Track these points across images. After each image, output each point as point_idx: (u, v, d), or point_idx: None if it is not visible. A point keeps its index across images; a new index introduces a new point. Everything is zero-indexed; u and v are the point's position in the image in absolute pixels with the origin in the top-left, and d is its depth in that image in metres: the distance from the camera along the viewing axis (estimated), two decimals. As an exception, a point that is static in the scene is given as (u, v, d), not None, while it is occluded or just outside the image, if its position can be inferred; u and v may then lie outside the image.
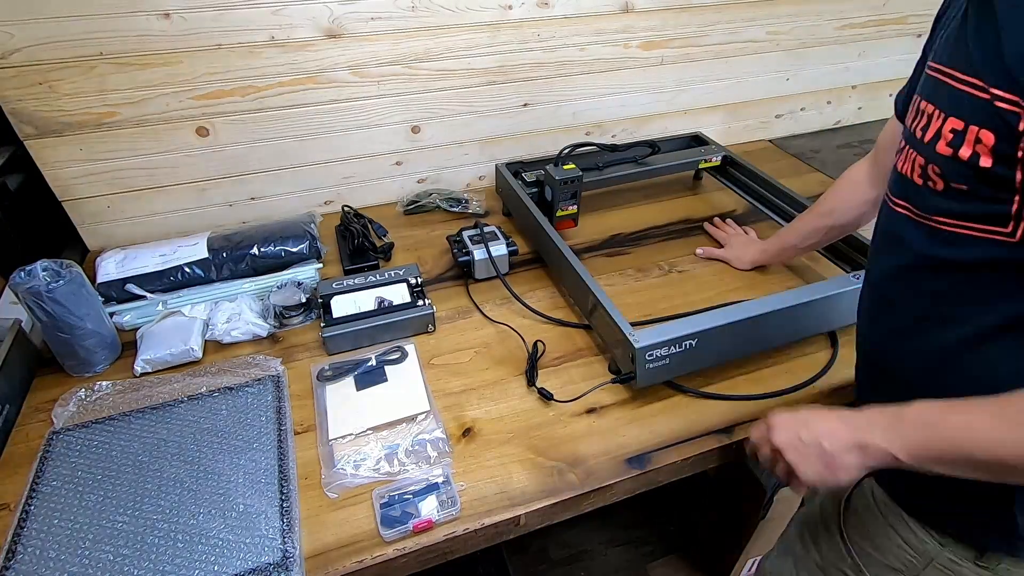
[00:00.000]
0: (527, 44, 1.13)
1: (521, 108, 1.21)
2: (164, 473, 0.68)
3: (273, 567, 0.59)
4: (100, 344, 0.81)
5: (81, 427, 0.73)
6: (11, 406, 0.76)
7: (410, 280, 0.92)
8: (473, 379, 0.82)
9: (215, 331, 0.86)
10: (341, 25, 0.99)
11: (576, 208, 1.05)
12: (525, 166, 1.17)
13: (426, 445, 0.72)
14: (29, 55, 0.86)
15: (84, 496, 0.66)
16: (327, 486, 0.67)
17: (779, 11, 1.28)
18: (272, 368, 0.81)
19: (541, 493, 0.68)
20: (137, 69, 0.92)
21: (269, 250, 0.95)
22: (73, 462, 0.69)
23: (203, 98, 0.98)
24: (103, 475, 0.68)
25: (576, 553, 1.42)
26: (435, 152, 1.21)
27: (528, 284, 0.99)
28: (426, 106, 1.14)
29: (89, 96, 0.92)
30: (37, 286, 0.73)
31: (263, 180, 1.11)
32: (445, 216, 1.18)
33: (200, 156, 1.04)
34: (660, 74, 1.28)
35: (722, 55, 1.30)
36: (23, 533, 0.62)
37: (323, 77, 1.03)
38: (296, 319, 0.90)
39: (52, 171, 0.97)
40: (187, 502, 0.65)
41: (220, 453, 0.70)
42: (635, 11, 1.17)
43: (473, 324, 0.91)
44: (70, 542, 0.61)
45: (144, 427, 0.73)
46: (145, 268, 0.90)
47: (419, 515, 0.64)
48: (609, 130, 1.33)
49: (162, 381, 0.80)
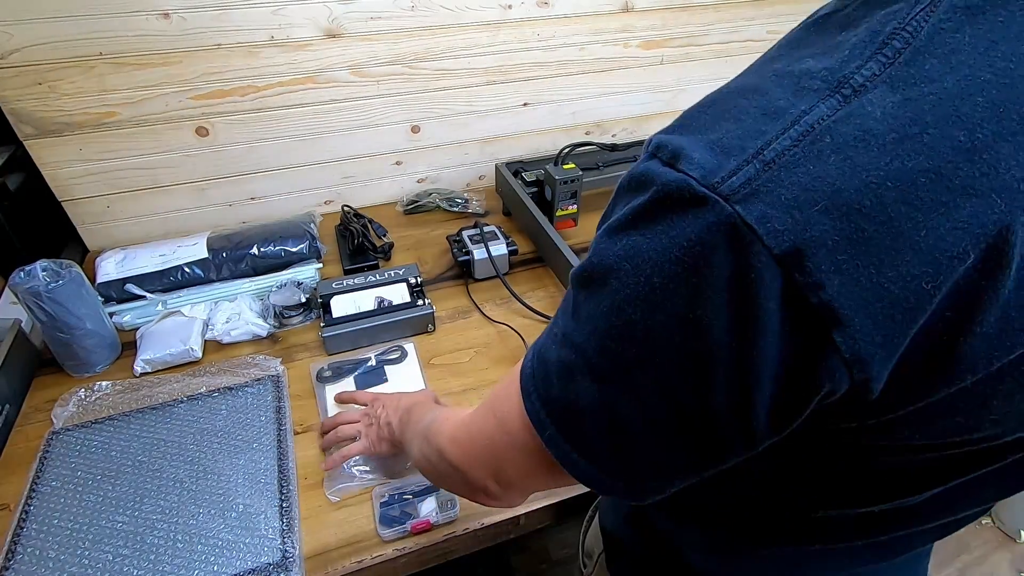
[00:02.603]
0: (527, 44, 1.13)
1: (521, 108, 1.21)
2: (164, 473, 0.68)
3: (273, 567, 0.59)
4: (100, 344, 0.81)
5: (81, 427, 0.73)
6: (11, 406, 0.76)
7: (410, 280, 0.92)
8: (473, 379, 0.82)
9: (215, 331, 0.86)
10: (340, 25, 0.99)
11: (576, 208, 1.04)
12: (525, 166, 1.17)
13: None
14: (28, 55, 0.86)
15: (84, 496, 0.66)
16: (328, 487, 0.67)
17: (779, 11, 1.28)
18: (272, 368, 0.81)
19: (541, 493, 0.67)
20: (136, 69, 0.92)
21: (269, 250, 0.95)
22: (73, 462, 0.69)
23: (203, 98, 0.98)
24: (103, 475, 0.68)
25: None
26: (435, 152, 1.21)
27: (528, 284, 0.99)
28: (426, 106, 1.14)
29: (88, 96, 0.92)
30: (37, 286, 0.73)
31: (263, 180, 1.11)
32: (445, 216, 1.18)
33: (200, 156, 1.04)
34: (660, 74, 1.28)
35: (722, 54, 1.30)
36: (23, 533, 0.62)
37: (323, 77, 1.03)
38: (296, 319, 0.90)
39: (52, 171, 0.97)
40: (187, 502, 0.65)
41: (220, 453, 0.70)
42: (635, 10, 1.17)
43: (473, 324, 0.91)
44: (70, 542, 0.61)
45: (144, 427, 0.73)
46: (145, 268, 0.90)
47: (418, 515, 0.64)
48: (609, 130, 1.33)
49: (162, 381, 0.80)
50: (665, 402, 0.28)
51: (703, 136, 0.26)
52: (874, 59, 0.24)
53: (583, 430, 0.32)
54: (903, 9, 0.24)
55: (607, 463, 0.32)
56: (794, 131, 0.24)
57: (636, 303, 0.27)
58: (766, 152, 0.24)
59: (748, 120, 0.25)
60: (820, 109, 0.24)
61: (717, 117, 0.27)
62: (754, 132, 0.25)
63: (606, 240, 0.29)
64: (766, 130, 0.24)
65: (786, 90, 0.25)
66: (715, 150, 0.25)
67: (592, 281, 0.30)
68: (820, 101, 0.24)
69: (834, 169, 0.23)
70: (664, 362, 0.27)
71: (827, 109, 0.24)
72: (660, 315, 0.26)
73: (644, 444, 0.30)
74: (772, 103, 0.25)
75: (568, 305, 0.33)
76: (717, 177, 0.24)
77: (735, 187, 0.24)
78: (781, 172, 0.23)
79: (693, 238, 0.24)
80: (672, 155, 0.26)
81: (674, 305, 0.26)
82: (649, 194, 0.26)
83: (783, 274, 0.23)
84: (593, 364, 0.30)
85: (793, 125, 0.24)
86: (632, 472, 0.32)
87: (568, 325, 0.32)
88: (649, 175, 0.27)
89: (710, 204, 0.24)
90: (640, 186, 0.27)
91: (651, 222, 0.26)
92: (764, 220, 0.23)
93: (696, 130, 0.27)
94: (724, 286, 0.24)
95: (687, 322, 0.26)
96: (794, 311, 0.24)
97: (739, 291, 0.24)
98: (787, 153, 0.23)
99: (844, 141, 0.23)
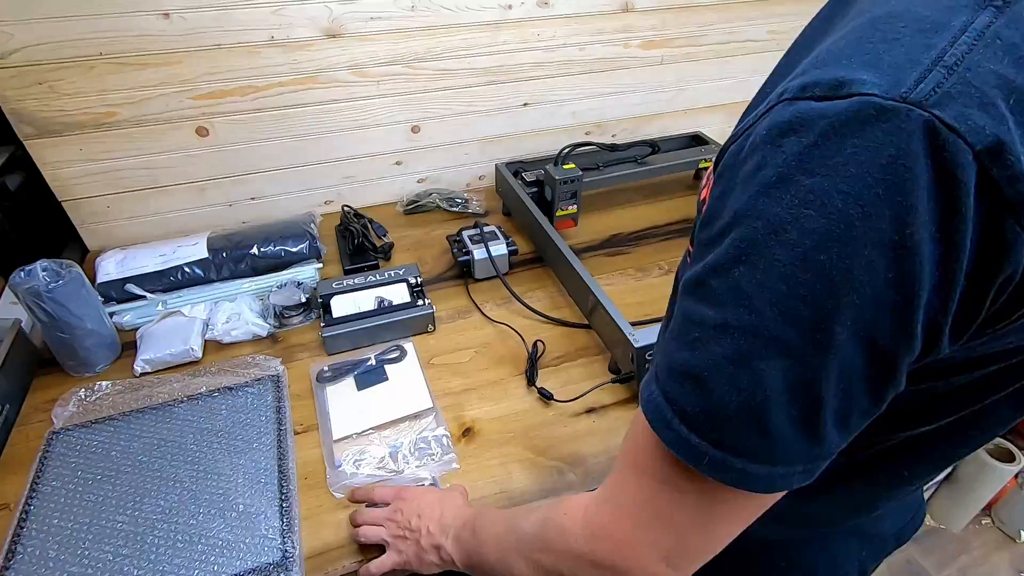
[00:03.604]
0: (527, 44, 1.13)
1: (521, 108, 1.21)
2: (164, 473, 0.68)
3: (273, 567, 0.59)
4: (100, 344, 0.81)
5: (81, 427, 0.73)
6: (11, 406, 0.76)
7: (410, 280, 0.92)
8: (473, 379, 0.82)
9: (215, 331, 0.86)
10: (341, 25, 0.99)
11: (576, 208, 1.04)
12: (525, 166, 1.17)
13: (430, 442, 0.72)
14: (29, 55, 0.86)
15: (84, 496, 0.66)
16: (331, 486, 0.67)
17: (779, 10, 1.28)
18: (272, 368, 0.81)
19: (541, 493, 0.67)
20: (137, 69, 0.92)
21: (269, 250, 0.95)
22: (73, 462, 0.69)
23: (203, 98, 0.98)
24: (103, 475, 0.68)
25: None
26: (435, 152, 1.21)
27: (528, 284, 0.99)
28: (426, 106, 1.14)
29: (89, 96, 0.92)
30: (37, 286, 0.73)
31: (263, 180, 1.11)
32: (445, 216, 1.18)
33: (200, 156, 1.04)
34: (660, 74, 1.28)
35: (722, 54, 1.30)
36: (23, 533, 0.62)
37: (323, 77, 1.03)
38: (296, 319, 0.90)
39: (52, 171, 0.97)
40: (187, 502, 0.65)
41: (220, 453, 0.70)
42: (635, 10, 1.17)
43: (473, 324, 0.91)
44: (70, 542, 0.61)
45: (144, 427, 0.73)
46: (145, 268, 0.90)
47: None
48: (609, 130, 1.33)
49: (162, 381, 0.80)
50: (862, 347, 0.27)
51: (860, 63, 0.26)
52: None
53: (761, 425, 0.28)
54: None
55: (787, 451, 0.29)
56: (966, 38, 0.24)
57: (830, 246, 0.25)
58: (946, 58, 0.24)
59: (906, 38, 0.25)
60: (983, 17, 0.25)
61: (862, 47, 0.26)
62: (921, 46, 0.25)
63: (762, 199, 0.27)
64: (934, 43, 0.25)
65: (933, 9, 0.26)
66: (883, 70, 0.25)
67: (752, 249, 0.27)
68: (977, 12, 0.25)
69: (1011, 67, 0.24)
70: (867, 300, 0.25)
71: (989, 17, 0.25)
72: (863, 248, 0.25)
73: (832, 407, 0.28)
74: (926, 20, 0.26)
75: (695, 309, 0.30)
76: (903, 88, 0.24)
77: (925, 93, 0.24)
78: (967, 74, 0.24)
79: (893, 153, 0.24)
80: (832, 87, 0.25)
81: (879, 232, 0.25)
82: (816, 131, 0.25)
83: (980, 170, 0.23)
84: (777, 337, 0.27)
85: (963, 33, 0.25)
86: (815, 447, 0.29)
87: (716, 316, 0.29)
88: (808, 114, 0.26)
89: (904, 113, 0.24)
90: (794, 129, 0.26)
91: (828, 158, 0.25)
92: (964, 119, 0.23)
93: (843, 60, 0.26)
94: (929, 195, 0.24)
95: (894, 245, 0.25)
96: (989, 205, 0.24)
97: (943, 196, 0.24)
98: (967, 57, 0.24)
99: (1013, 42, 0.24)
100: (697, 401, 0.30)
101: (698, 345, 0.30)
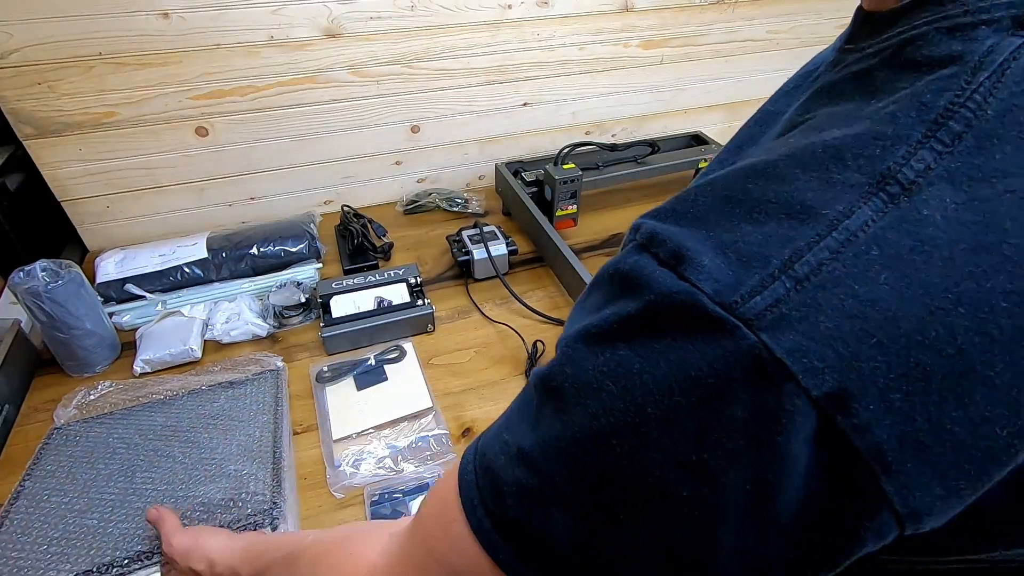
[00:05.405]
0: (526, 43, 1.13)
1: (521, 108, 1.21)
2: (158, 451, 0.69)
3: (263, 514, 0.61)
4: (99, 344, 0.81)
5: (81, 423, 0.73)
6: (11, 406, 0.76)
7: (410, 280, 0.92)
8: (473, 379, 0.82)
9: (214, 331, 0.86)
10: (340, 25, 0.99)
11: (576, 208, 1.04)
12: (525, 166, 1.17)
13: (429, 442, 0.72)
14: (28, 55, 0.86)
15: (75, 476, 0.67)
16: (331, 486, 0.67)
17: (779, 10, 1.28)
18: (272, 364, 0.81)
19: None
20: (136, 69, 0.92)
21: (268, 250, 0.95)
22: (69, 451, 0.70)
23: (202, 98, 0.98)
24: (97, 457, 0.69)
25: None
26: (435, 152, 1.21)
27: (528, 284, 0.99)
28: (425, 106, 1.14)
29: (88, 96, 0.92)
30: (36, 286, 0.73)
31: (263, 180, 1.11)
32: (445, 216, 1.18)
33: (199, 156, 1.04)
34: (660, 73, 1.28)
35: (722, 54, 1.30)
36: (12, 510, 0.63)
37: (322, 77, 1.03)
38: (295, 319, 0.90)
39: (51, 171, 0.97)
40: (178, 472, 0.67)
41: (215, 432, 0.72)
42: (634, 10, 1.16)
43: (473, 324, 0.91)
44: (56, 514, 0.62)
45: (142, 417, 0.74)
46: (144, 268, 0.90)
47: (408, 513, 0.64)
48: (609, 130, 1.33)
49: (162, 381, 0.80)
50: (663, 554, 0.23)
51: (710, 233, 0.21)
52: (926, 146, 0.19)
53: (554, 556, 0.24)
54: (958, 76, 0.19)
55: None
56: (832, 240, 0.19)
57: (623, 435, 0.21)
58: (797, 266, 0.19)
59: (769, 218, 0.20)
60: (863, 211, 0.19)
61: (726, 208, 0.22)
62: (779, 237, 0.20)
63: (583, 347, 0.23)
64: (794, 236, 0.20)
65: (812, 179, 0.20)
66: (729, 256, 0.20)
67: (561, 395, 0.24)
68: (861, 200, 0.19)
69: (887, 290, 0.18)
70: (661, 509, 0.22)
71: (871, 211, 0.19)
72: (656, 453, 0.21)
73: None
74: (797, 196, 0.20)
75: (526, 408, 0.26)
76: (736, 295, 0.19)
77: (759, 310, 0.19)
78: (818, 293, 0.19)
79: (704, 369, 0.20)
80: (673, 255, 0.21)
81: (674, 443, 0.21)
82: (643, 302, 0.21)
83: (819, 415, 0.19)
84: (566, 496, 0.23)
85: (831, 232, 0.19)
86: None
87: (525, 438, 0.25)
88: (642, 276, 0.22)
89: (727, 330, 0.19)
90: (630, 287, 0.22)
91: (646, 338, 0.21)
92: (798, 354, 0.18)
93: (699, 222, 0.22)
94: (741, 428, 0.19)
95: (690, 465, 0.20)
96: (831, 455, 0.19)
97: (761, 434, 0.19)
98: (824, 268, 0.19)
99: (897, 254, 0.18)
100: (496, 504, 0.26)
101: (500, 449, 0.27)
